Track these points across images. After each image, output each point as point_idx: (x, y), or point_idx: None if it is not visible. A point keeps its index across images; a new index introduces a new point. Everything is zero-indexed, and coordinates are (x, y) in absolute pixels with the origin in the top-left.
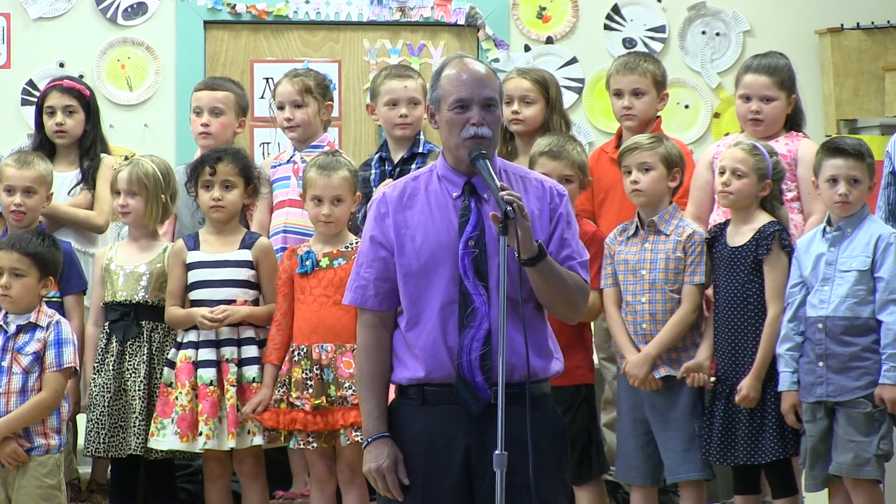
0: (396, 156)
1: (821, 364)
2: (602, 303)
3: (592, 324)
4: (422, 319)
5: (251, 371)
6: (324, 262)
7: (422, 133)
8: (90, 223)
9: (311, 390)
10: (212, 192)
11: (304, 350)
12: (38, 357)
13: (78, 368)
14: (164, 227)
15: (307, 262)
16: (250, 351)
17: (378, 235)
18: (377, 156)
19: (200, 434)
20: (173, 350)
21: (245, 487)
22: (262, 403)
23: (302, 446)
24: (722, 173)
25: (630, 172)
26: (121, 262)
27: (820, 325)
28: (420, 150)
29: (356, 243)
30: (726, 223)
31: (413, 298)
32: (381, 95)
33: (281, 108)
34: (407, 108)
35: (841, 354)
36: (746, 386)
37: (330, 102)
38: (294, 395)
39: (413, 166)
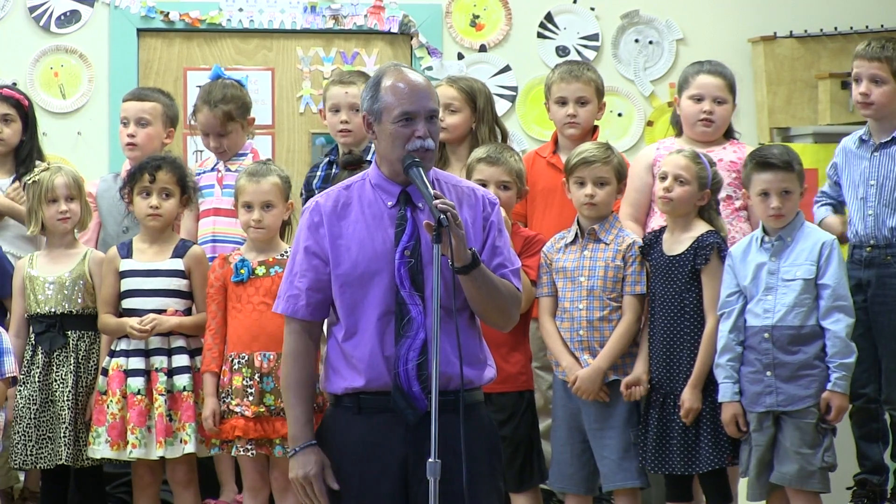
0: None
1: (769, 374)
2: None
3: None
4: (359, 330)
5: (182, 380)
6: (260, 271)
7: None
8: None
9: (251, 398)
10: (150, 200)
11: (246, 358)
12: None
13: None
14: (88, 234)
15: (242, 271)
16: (181, 360)
17: (312, 245)
18: (326, 160)
19: (128, 443)
20: (108, 358)
21: (177, 495)
22: (215, 414)
23: (242, 453)
24: (664, 179)
25: (583, 184)
26: (44, 273)
27: (766, 335)
28: (370, 157)
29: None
30: (661, 231)
31: (350, 309)
32: (326, 101)
33: (206, 134)
34: (347, 114)
35: (789, 363)
36: (688, 398)
37: (252, 117)
38: (234, 402)
39: None
